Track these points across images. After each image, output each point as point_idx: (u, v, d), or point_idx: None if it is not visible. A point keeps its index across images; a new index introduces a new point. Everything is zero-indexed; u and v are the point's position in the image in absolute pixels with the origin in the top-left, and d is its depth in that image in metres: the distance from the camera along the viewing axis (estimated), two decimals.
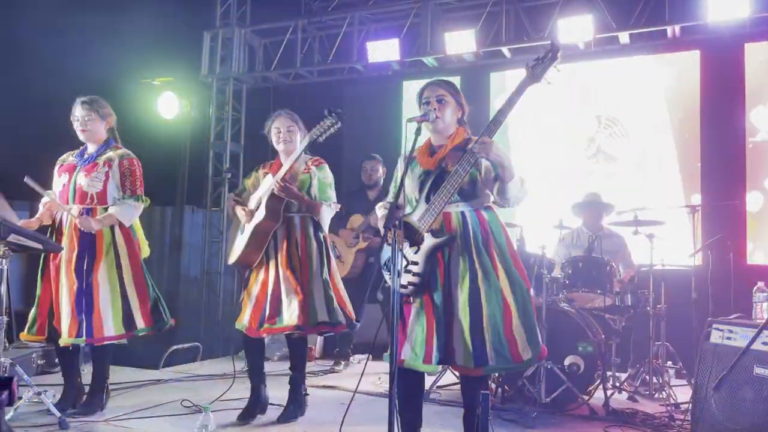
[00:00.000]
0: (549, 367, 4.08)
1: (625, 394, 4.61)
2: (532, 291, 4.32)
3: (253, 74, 7.86)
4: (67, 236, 3.83)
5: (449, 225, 2.90)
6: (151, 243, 4.16)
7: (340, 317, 3.73)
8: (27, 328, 3.87)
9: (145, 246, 4.06)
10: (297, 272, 3.70)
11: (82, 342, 3.74)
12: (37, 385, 3.71)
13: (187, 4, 7.47)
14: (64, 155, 4.05)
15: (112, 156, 3.94)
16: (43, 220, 3.92)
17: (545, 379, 4.05)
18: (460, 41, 6.63)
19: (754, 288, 3.58)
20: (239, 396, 3.97)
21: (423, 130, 2.85)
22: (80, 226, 3.76)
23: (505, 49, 6.73)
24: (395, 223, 2.52)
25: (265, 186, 3.79)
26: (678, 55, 6.45)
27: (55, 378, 4.39)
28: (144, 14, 6.78)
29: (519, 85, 2.82)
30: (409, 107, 7.20)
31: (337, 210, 3.90)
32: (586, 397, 4.13)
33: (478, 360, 2.79)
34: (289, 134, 3.78)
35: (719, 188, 6.04)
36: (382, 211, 3.17)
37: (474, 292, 2.82)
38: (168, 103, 7.26)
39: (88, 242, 3.80)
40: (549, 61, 2.79)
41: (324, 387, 4.76)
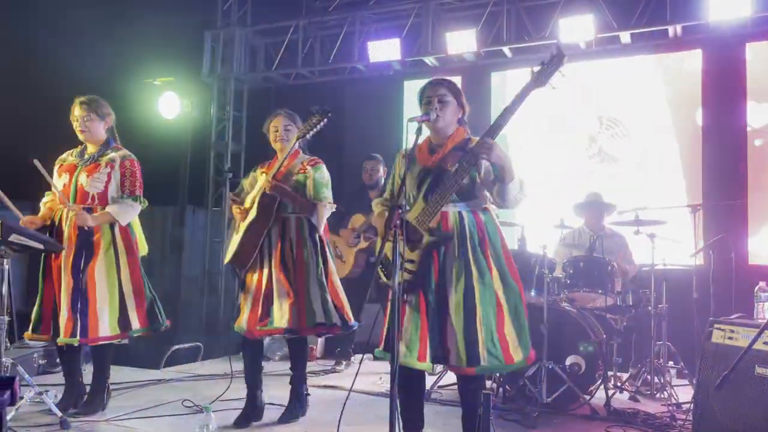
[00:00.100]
0: (550, 367, 4.07)
1: (626, 394, 4.60)
2: (533, 292, 4.39)
3: (254, 74, 7.86)
4: (66, 235, 3.83)
5: (446, 224, 2.90)
6: (152, 243, 4.17)
7: (336, 319, 3.72)
8: (31, 327, 3.87)
9: (143, 244, 4.06)
10: (291, 273, 3.68)
11: (75, 342, 3.74)
12: (39, 385, 3.71)
13: (189, 4, 7.47)
14: (64, 155, 4.05)
15: (114, 157, 3.94)
16: (45, 218, 3.93)
17: (546, 379, 4.05)
18: (461, 41, 6.63)
19: (756, 288, 3.57)
20: (240, 396, 3.95)
21: (423, 129, 2.86)
22: (76, 220, 3.76)
23: (506, 49, 6.73)
24: (397, 222, 2.52)
25: (259, 185, 3.77)
26: (679, 55, 6.44)
27: (57, 378, 4.39)
28: (145, 14, 6.79)
29: (523, 89, 2.81)
30: (410, 107, 7.19)
31: (333, 210, 3.86)
32: (587, 397, 4.13)
33: (471, 360, 2.79)
34: (286, 133, 3.76)
35: (720, 188, 6.03)
36: (379, 207, 3.18)
37: (469, 291, 2.83)
38: (169, 103, 7.25)
39: (85, 241, 3.80)
40: (554, 66, 2.79)
41: (325, 387, 4.76)
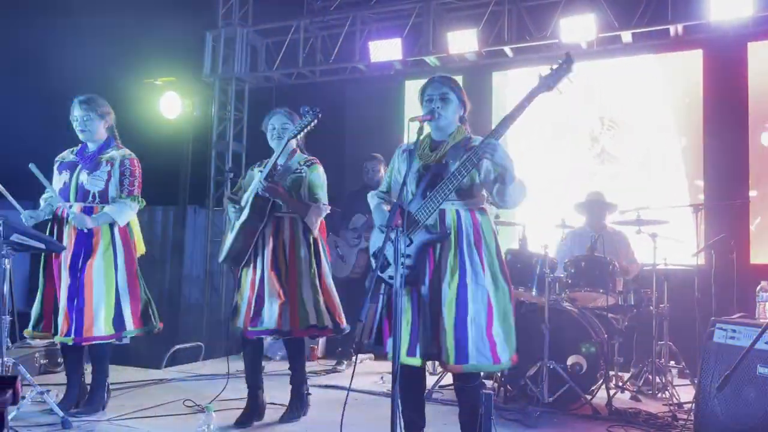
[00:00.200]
0: (552, 366, 4.07)
1: (627, 394, 4.60)
2: (534, 291, 4.38)
3: (255, 74, 7.85)
4: (66, 234, 3.83)
5: (443, 222, 2.91)
6: (154, 243, 4.18)
7: (327, 322, 3.71)
8: (32, 324, 3.87)
9: (141, 244, 4.06)
10: (282, 274, 3.67)
11: (69, 341, 3.74)
12: (40, 385, 3.72)
13: (190, 4, 7.47)
14: (64, 153, 4.06)
15: (114, 155, 3.95)
16: (46, 213, 3.93)
17: (548, 378, 4.05)
18: (463, 41, 6.62)
19: (758, 287, 3.57)
20: (241, 396, 3.96)
21: (424, 127, 2.86)
22: (74, 223, 3.76)
23: (507, 49, 6.72)
24: (398, 221, 2.52)
25: (253, 184, 3.75)
26: (681, 55, 6.43)
27: (58, 377, 4.40)
28: (146, 14, 6.79)
29: (530, 92, 2.82)
30: (411, 107, 7.18)
31: (328, 211, 3.84)
32: (588, 397, 4.13)
33: (459, 357, 2.81)
34: (284, 132, 3.75)
35: (722, 187, 6.02)
36: (375, 199, 3.19)
37: (462, 289, 2.84)
38: (170, 103, 7.25)
39: (84, 240, 3.80)
40: (563, 72, 2.80)
41: (326, 387, 4.76)
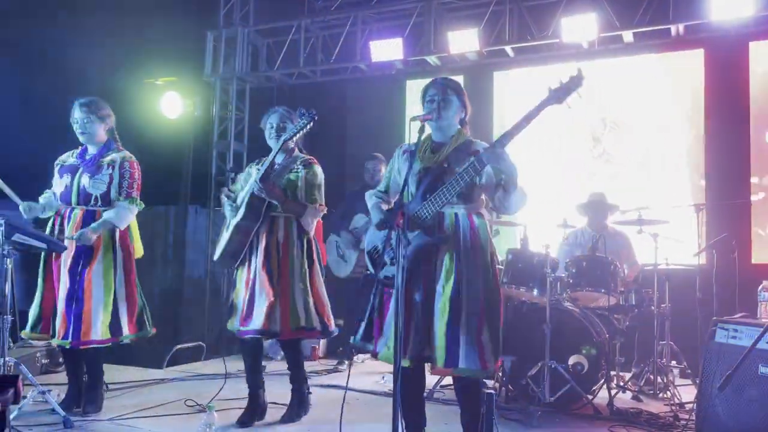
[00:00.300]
0: (553, 366, 4.07)
1: (629, 394, 4.60)
2: (536, 291, 4.37)
3: (256, 74, 7.85)
4: (67, 237, 3.81)
5: (442, 225, 2.91)
6: (155, 242, 4.17)
7: (316, 323, 3.69)
8: (29, 326, 3.86)
9: (139, 247, 4.06)
10: (274, 275, 3.65)
11: (67, 345, 3.74)
12: (42, 385, 3.72)
13: (191, 4, 7.47)
14: (64, 156, 4.05)
15: (115, 158, 3.95)
16: (44, 207, 3.93)
17: (549, 378, 4.05)
18: (464, 40, 6.62)
19: (759, 287, 3.57)
20: (242, 396, 3.96)
21: (425, 128, 2.86)
22: (79, 242, 3.75)
23: (508, 49, 6.71)
24: (400, 221, 2.52)
25: (249, 183, 3.74)
26: (682, 54, 6.42)
27: (60, 377, 4.40)
28: (147, 14, 6.78)
29: (539, 104, 2.82)
30: (412, 106, 7.18)
31: (324, 213, 3.82)
32: (590, 397, 4.12)
33: (449, 361, 2.81)
34: (282, 131, 3.72)
35: (723, 187, 6.02)
36: (373, 199, 3.18)
37: (456, 293, 2.85)
38: (171, 103, 7.25)
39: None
40: (573, 86, 2.80)
41: (327, 386, 4.76)
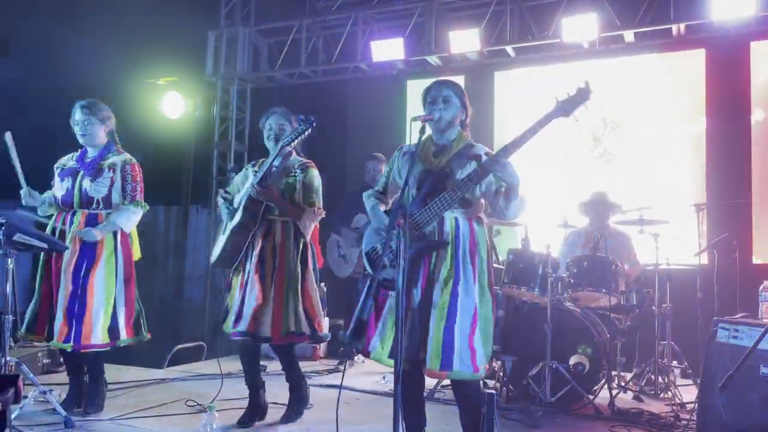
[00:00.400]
0: (554, 366, 4.07)
1: (630, 394, 4.60)
2: (537, 291, 4.37)
3: (257, 74, 7.86)
4: (70, 239, 3.81)
5: (442, 229, 2.91)
6: (155, 242, 4.17)
7: (305, 328, 3.67)
8: (25, 326, 3.86)
9: (137, 250, 4.06)
10: (268, 279, 3.63)
11: (68, 348, 3.73)
12: (43, 384, 3.72)
13: (192, 4, 7.48)
14: (63, 159, 4.04)
15: (116, 161, 3.93)
16: (43, 202, 3.93)
17: (550, 378, 4.04)
18: (464, 40, 6.63)
19: (760, 287, 3.57)
20: (242, 396, 3.95)
21: (426, 129, 2.86)
22: (83, 238, 3.75)
23: (509, 48, 6.72)
24: (401, 222, 2.52)
25: (247, 185, 3.71)
26: (683, 54, 6.43)
27: (61, 377, 4.40)
28: (148, 14, 6.80)
29: (545, 116, 2.80)
30: (413, 106, 7.18)
31: (322, 216, 3.79)
32: (591, 397, 4.12)
33: (444, 364, 2.81)
34: (280, 132, 3.71)
35: (724, 187, 6.01)
36: (372, 201, 3.18)
37: (453, 297, 2.85)
38: (172, 103, 7.26)
39: (88, 247, 3.79)
40: (581, 99, 2.79)
41: (328, 386, 4.76)
